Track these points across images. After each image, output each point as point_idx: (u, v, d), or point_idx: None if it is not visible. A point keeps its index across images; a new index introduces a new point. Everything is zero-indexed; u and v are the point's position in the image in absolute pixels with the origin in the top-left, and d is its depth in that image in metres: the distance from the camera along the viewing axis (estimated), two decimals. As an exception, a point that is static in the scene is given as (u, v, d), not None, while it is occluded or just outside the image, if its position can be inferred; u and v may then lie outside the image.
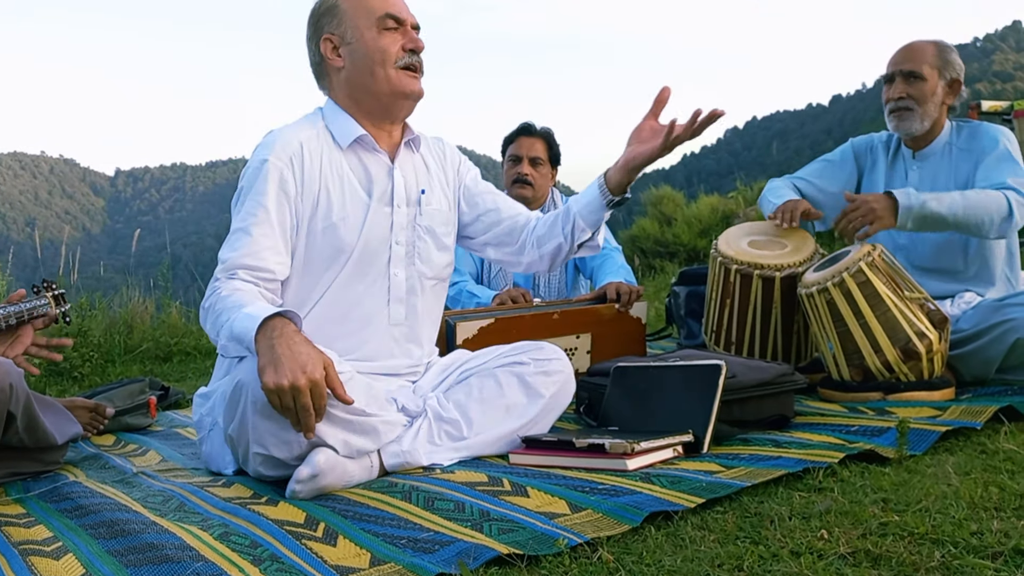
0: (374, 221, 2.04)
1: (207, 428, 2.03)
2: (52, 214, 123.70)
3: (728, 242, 2.80)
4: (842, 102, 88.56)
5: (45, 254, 7.01)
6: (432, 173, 2.20)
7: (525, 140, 3.49)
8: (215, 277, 1.93)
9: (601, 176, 2.12)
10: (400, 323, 2.09)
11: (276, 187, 1.96)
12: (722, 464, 1.78)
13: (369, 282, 2.04)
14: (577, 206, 2.16)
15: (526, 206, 3.48)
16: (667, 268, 8.31)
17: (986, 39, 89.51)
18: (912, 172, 2.84)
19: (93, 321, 4.59)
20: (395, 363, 2.09)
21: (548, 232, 2.21)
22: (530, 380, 2.05)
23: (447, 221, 2.19)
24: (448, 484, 1.73)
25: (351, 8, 2.03)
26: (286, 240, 1.98)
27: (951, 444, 1.86)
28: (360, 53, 2.02)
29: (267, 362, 1.66)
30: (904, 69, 2.76)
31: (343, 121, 2.07)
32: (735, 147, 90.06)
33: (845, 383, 2.43)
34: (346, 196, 2.02)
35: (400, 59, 2.02)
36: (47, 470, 2.16)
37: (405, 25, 2.05)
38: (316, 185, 2.00)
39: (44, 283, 2.22)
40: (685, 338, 3.63)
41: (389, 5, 2.03)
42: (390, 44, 2.02)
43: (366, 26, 2.01)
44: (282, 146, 2.00)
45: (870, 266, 2.40)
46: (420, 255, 2.11)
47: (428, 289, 2.14)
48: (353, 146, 2.06)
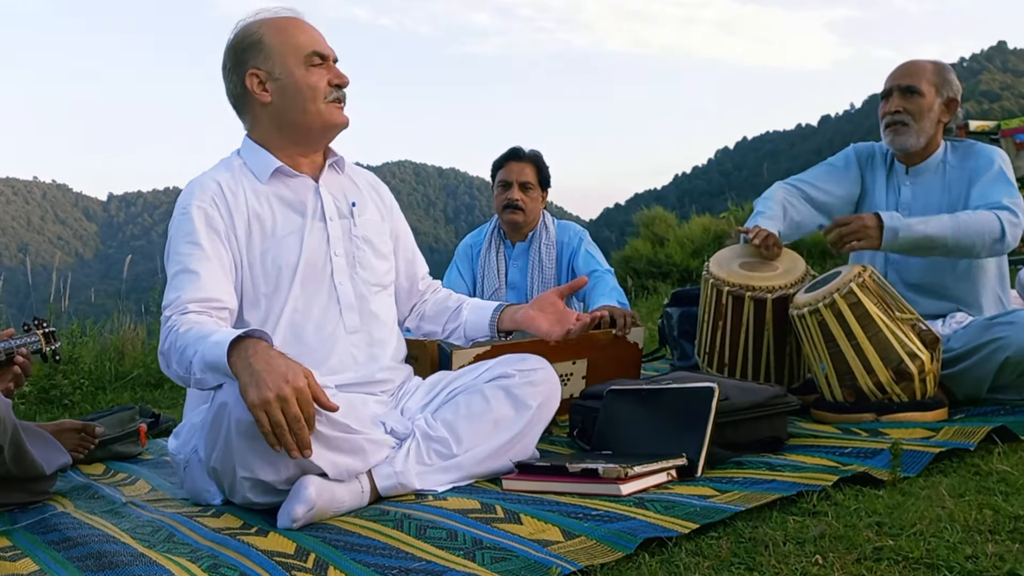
0: (311, 237, 2.08)
1: (182, 465, 2.02)
2: (44, 239, 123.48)
3: (719, 264, 2.80)
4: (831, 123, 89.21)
5: (37, 280, 6.99)
6: (363, 191, 2.26)
7: (514, 165, 3.48)
8: (165, 319, 1.91)
9: (497, 312, 2.31)
10: (357, 329, 2.11)
11: (204, 226, 2.00)
12: (716, 488, 1.77)
13: (319, 297, 2.07)
14: (467, 317, 2.34)
15: (518, 231, 3.50)
16: (660, 288, 8.31)
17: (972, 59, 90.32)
18: (905, 188, 2.85)
19: (84, 348, 4.57)
20: (364, 372, 2.09)
21: (433, 317, 2.40)
22: (516, 392, 2.05)
23: (381, 231, 2.25)
24: (440, 511, 1.72)
25: (278, 45, 2.06)
26: (226, 272, 2.00)
27: (945, 465, 1.86)
28: (290, 90, 2.06)
29: (248, 380, 1.65)
30: (902, 84, 2.77)
31: (259, 156, 2.12)
32: (726, 167, 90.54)
33: (838, 404, 2.43)
34: (277, 219, 2.07)
35: (329, 94, 2.08)
36: (35, 500, 2.14)
37: (329, 60, 2.11)
38: (244, 216, 2.04)
39: (35, 320, 2.21)
40: (678, 359, 3.62)
41: (315, 43, 2.09)
42: (318, 80, 2.07)
43: (295, 63, 2.06)
44: (200, 190, 2.05)
45: (861, 287, 2.40)
46: (361, 263, 2.15)
47: (375, 295, 2.17)
48: (274, 177, 2.11)
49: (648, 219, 10.69)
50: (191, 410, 2.07)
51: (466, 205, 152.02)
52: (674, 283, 8.62)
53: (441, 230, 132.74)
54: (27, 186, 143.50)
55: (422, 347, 2.59)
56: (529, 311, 2.26)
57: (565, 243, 3.50)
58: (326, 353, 2.05)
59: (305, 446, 1.66)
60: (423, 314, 2.40)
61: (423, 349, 2.59)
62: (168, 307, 1.93)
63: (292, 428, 1.64)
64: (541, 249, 3.47)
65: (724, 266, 2.78)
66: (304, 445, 1.66)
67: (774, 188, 2.96)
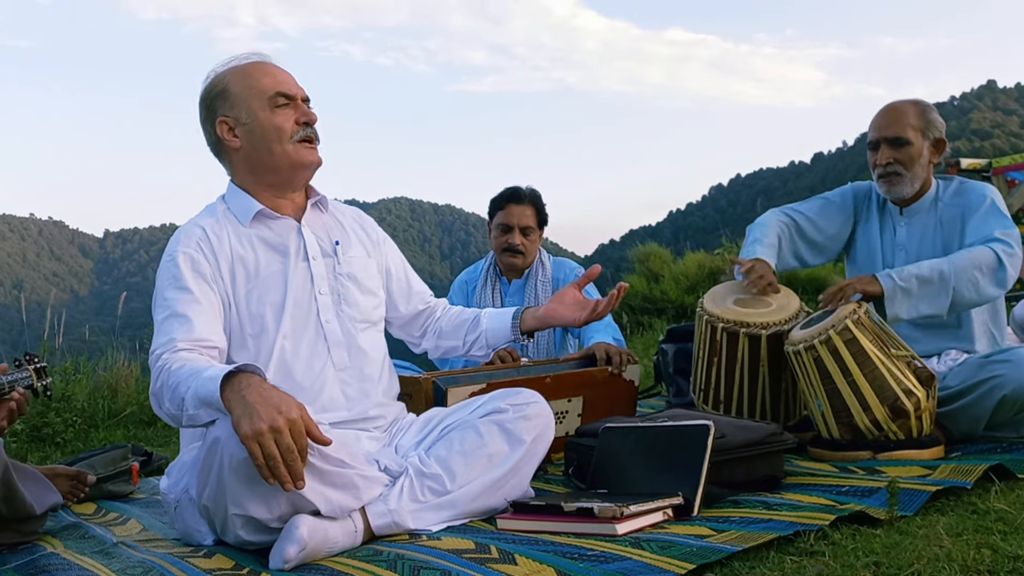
0: (294, 277, 2.10)
1: (172, 505, 2.00)
2: (40, 276, 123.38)
3: (714, 300, 2.80)
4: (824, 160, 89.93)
5: (31, 316, 6.97)
6: (348, 229, 2.27)
7: (515, 208, 3.48)
8: (156, 358, 1.91)
9: (518, 315, 2.35)
10: (346, 366, 2.11)
11: (190, 270, 2.02)
12: (713, 527, 1.76)
13: (306, 335, 2.08)
14: (487, 325, 2.36)
15: (516, 272, 3.50)
16: (655, 324, 8.31)
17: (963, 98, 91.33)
18: (900, 228, 2.86)
19: (77, 385, 4.54)
20: (356, 408, 2.10)
21: (451, 332, 2.42)
22: (510, 427, 2.04)
23: (367, 267, 2.25)
24: (434, 552, 1.70)
25: (242, 90, 2.09)
26: (215, 314, 2.01)
27: (942, 504, 1.85)
28: (256, 133, 2.09)
29: (241, 412, 1.64)
30: (888, 135, 2.77)
31: (241, 200, 2.14)
32: (720, 204, 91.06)
33: (835, 442, 2.42)
34: (260, 261, 2.09)
35: (295, 133, 2.09)
36: (25, 541, 2.11)
37: (296, 99, 2.11)
38: (228, 260, 2.07)
39: (26, 356, 2.20)
40: (674, 396, 3.61)
41: (279, 83, 2.10)
42: (284, 121, 2.08)
43: (259, 106, 2.08)
44: (186, 236, 2.08)
45: (856, 324, 2.40)
46: (346, 301, 2.16)
47: (362, 332, 2.17)
48: (257, 219, 2.13)
49: (643, 255, 10.70)
50: (184, 449, 2.06)
51: (461, 241, 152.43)
52: (669, 319, 8.61)
53: (436, 266, 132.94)
54: (23, 223, 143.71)
55: (416, 384, 2.58)
56: (550, 306, 2.33)
57: (561, 280, 3.50)
58: (317, 391, 2.06)
59: (298, 477, 1.65)
60: (440, 331, 2.40)
61: (417, 387, 2.58)
62: (158, 348, 1.93)
63: (285, 460, 1.63)
64: (537, 286, 3.47)
65: (719, 302, 2.78)
66: (297, 476, 1.65)
67: (768, 216, 2.97)
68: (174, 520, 2.03)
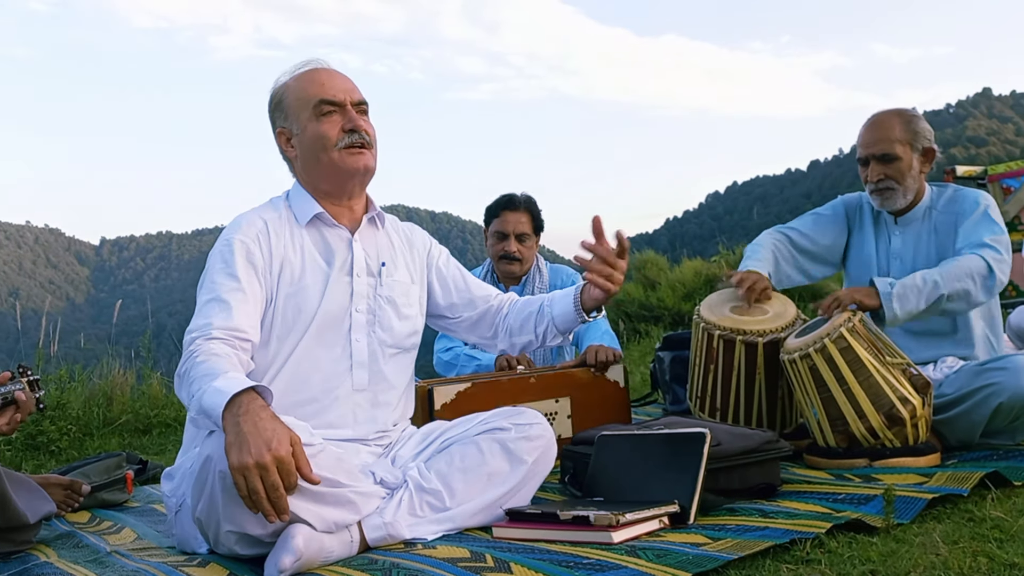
0: (334, 289, 2.09)
1: (174, 509, 1.99)
2: (36, 284, 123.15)
3: (711, 308, 2.80)
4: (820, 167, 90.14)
5: (27, 324, 6.96)
6: (396, 249, 2.26)
7: (510, 216, 3.48)
8: (190, 341, 1.90)
9: (577, 294, 2.23)
10: (364, 388, 2.09)
11: (244, 260, 2.02)
12: (709, 535, 1.76)
13: (332, 350, 2.07)
14: (553, 312, 2.27)
15: (513, 279, 3.50)
16: (652, 332, 8.31)
17: (958, 105, 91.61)
18: (895, 237, 2.86)
19: (72, 393, 4.52)
20: (362, 430, 2.08)
21: (521, 327, 2.33)
22: (512, 446, 2.03)
23: (408, 293, 2.23)
24: (429, 560, 1.69)
25: (293, 100, 2.11)
26: (257, 307, 2.00)
27: (938, 512, 1.84)
28: (306, 143, 2.11)
29: (232, 441, 1.63)
30: (876, 152, 2.76)
31: (303, 201, 2.15)
32: (717, 211, 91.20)
33: (830, 449, 2.42)
34: (306, 266, 2.09)
35: (340, 140, 2.08)
36: (18, 550, 2.10)
37: (344, 106, 2.10)
38: (280, 259, 2.06)
39: (19, 368, 2.20)
40: (671, 403, 3.61)
41: (324, 90, 2.09)
42: (329, 129, 2.08)
43: (306, 117, 2.09)
44: (248, 225, 2.08)
45: (851, 332, 2.40)
46: (381, 323, 2.14)
47: (390, 357, 2.15)
48: (313, 223, 2.14)
49: (640, 263, 10.71)
50: (186, 451, 2.04)
51: (458, 249, 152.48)
52: (666, 327, 8.62)
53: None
54: (19, 230, 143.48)
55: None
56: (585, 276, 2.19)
57: (559, 286, 3.50)
58: (327, 405, 2.04)
59: (283, 511, 1.63)
60: (510, 329, 2.34)
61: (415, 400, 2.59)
62: (194, 331, 1.91)
63: (269, 496, 1.61)
64: (534, 294, 3.47)
65: (715, 310, 2.78)
66: (281, 511, 1.63)
67: (763, 236, 2.99)
68: (173, 524, 2.01)
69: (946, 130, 79.14)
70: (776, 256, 2.91)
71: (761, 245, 2.94)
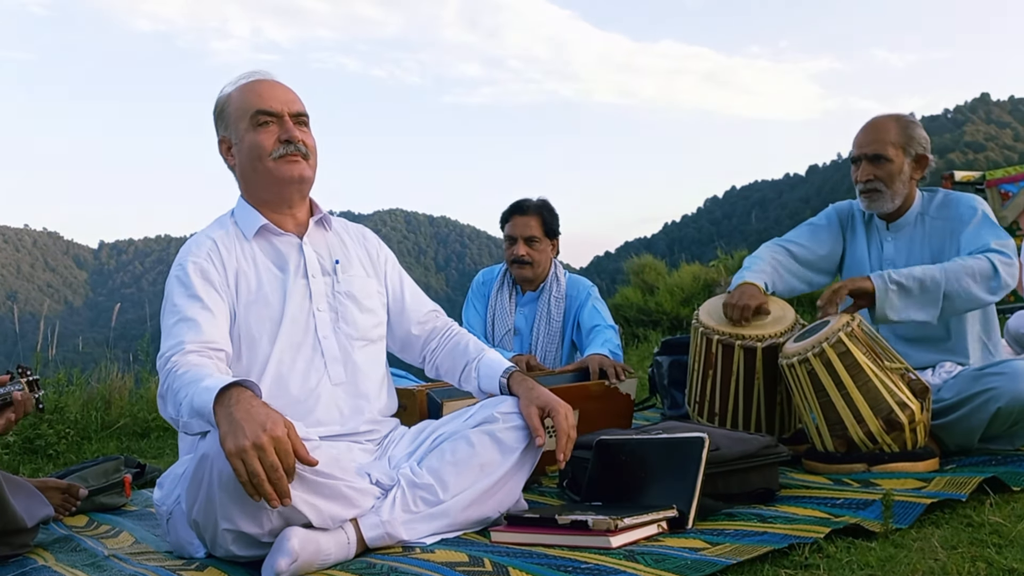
0: (293, 292, 2.13)
1: (165, 517, 2.00)
2: (34, 287, 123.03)
3: (709, 313, 2.80)
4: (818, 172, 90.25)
5: (25, 327, 6.94)
6: (349, 248, 2.29)
7: (519, 220, 3.49)
8: (164, 360, 1.92)
9: (505, 380, 2.19)
10: (342, 382, 2.13)
11: (200, 279, 2.05)
12: (707, 540, 1.76)
13: (303, 350, 2.10)
14: (480, 384, 2.27)
15: (528, 285, 3.51)
16: (650, 336, 8.31)
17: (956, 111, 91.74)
18: (887, 243, 2.87)
19: (70, 397, 4.52)
20: (350, 424, 2.11)
21: (446, 371, 2.36)
22: (501, 436, 2.04)
23: (366, 287, 2.26)
24: (427, 564, 1.69)
25: (233, 110, 2.14)
26: (224, 320, 2.04)
27: (937, 517, 1.84)
28: (243, 152, 2.14)
29: (227, 430, 1.64)
30: (868, 152, 2.77)
31: (247, 214, 2.18)
32: (715, 216, 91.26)
33: (829, 454, 2.42)
34: (262, 276, 2.13)
35: (275, 150, 2.11)
36: (16, 554, 2.10)
37: (281, 117, 2.12)
38: (234, 272, 2.10)
39: (19, 369, 2.20)
40: (669, 408, 3.61)
41: (262, 101, 2.12)
42: (264, 139, 2.11)
43: (244, 127, 2.12)
44: (196, 247, 2.12)
45: (850, 336, 2.40)
46: (344, 319, 2.18)
47: (359, 349, 2.18)
48: (260, 234, 2.17)
49: (638, 267, 10.71)
50: (180, 459, 2.05)
51: (456, 253, 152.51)
52: (664, 331, 8.62)
53: (432, 278, 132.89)
54: (17, 234, 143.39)
55: (411, 397, 2.58)
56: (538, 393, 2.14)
57: (574, 297, 3.52)
58: (311, 405, 2.06)
59: (284, 495, 1.64)
60: (436, 365, 2.38)
61: (412, 399, 2.58)
62: (167, 351, 1.93)
63: (270, 477, 1.61)
64: (550, 302, 3.48)
65: (714, 315, 2.78)
66: (283, 494, 1.63)
67: (762, 249, 3.01)
68: (167, 532, 2.02)
69: (944, 135, 79.26)
70: (776, 267, 2.92)
71: (760, 258, 2.94)
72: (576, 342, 3.50)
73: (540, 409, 2.07)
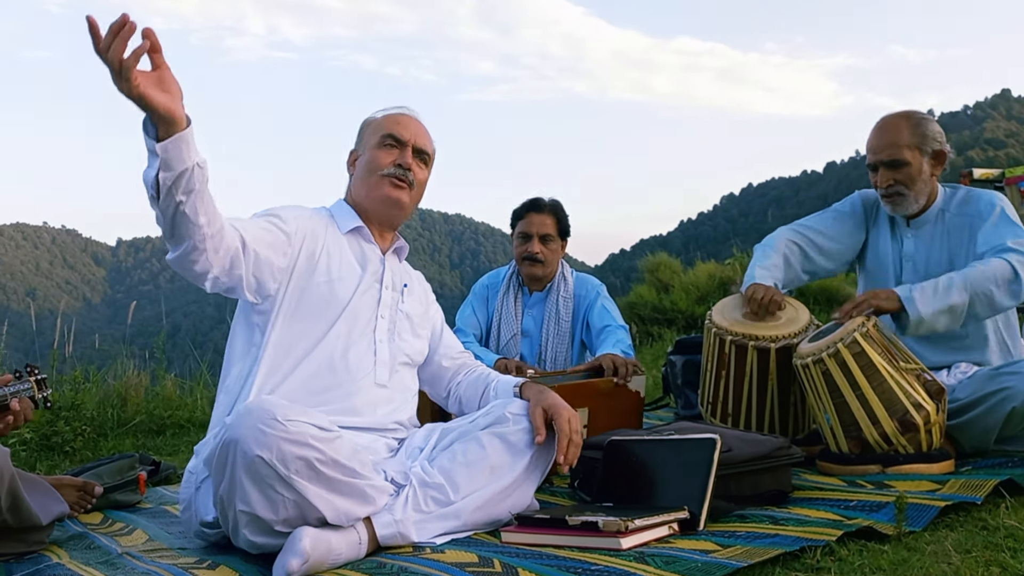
0: (364, 291, 2.22)
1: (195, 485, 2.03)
2: (53, 284, 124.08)
3: (722, 313, 2.79)
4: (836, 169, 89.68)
5: (44, 324, 7.00)
6: (413, 279, 2.44)
7: (535, 217, 3.49)
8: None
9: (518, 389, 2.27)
10: (384, 385, 2.19)
11: (276, 218, 2.12)
12: (718, 542, 1.75)
13: (358, 341, 2.17)
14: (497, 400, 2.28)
15: (537, 283, 3.51)
16: (665, 335, 8.29)
17: (976, 107, 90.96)
18: (908, 240, 2.84)
19: (87, 394, 4.55)
20: (381, 418, 2.16)
21: (468, 401, 2.42)
22: (512, 439, 2.06)
23: (422, 316, 2.40)
24: (437, 565, 1.69)
25: (371, 130, 2.33)
26: (270, 237, 2.07)
27: (951, 519, 1.83)
28: (362, 163, 2.32)
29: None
30: (885, 159, 2.74)
31: (346, 214, 2.32)
32: (731, 214, 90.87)
33: (843, 456, 2.40)
34: (343, 263, 2.22)
35: (387, 169, 2.26)
36: (31, 551, 2.12)
37: (405, 146, 2.29)
38: (318, 248, 2.19)
39: (27, 367, 2.21)
40: (683, 408, 3.60)
41: (395, 126, 2.30)
42: (383, 158, 2.27)
43: (372, 143, 2.30)
44: (295, 208, 2.24)
45: (865, 337, 2.39)
46: (399, 334, 2.28)
47: (402, 365, 2.27)
48: (352, 233, 2.29)
49: (653, 265, 10.68)
50: (213, 427, 2.11)
51: (471, 251, 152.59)
52: (679, 330, 8.59)
53: (447, 276, 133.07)
54: (36, 231, 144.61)
55: (421, 396, 2.58)
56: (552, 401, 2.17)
57: (582, 296, 3.51)
58: (353, 392, 2.12)
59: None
60: (460, 397, 2.45)
61: (422, 398, 2.58)
62: None
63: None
64: (559, 302, 3.47)
65: (727, 315, 2.77)
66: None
67: (777, 235, 2.96)
68: (193, 499, 2.04)
69: (963, 132, 78.59)
70: (787, 259, 2.89)
71: (772, 248, 2.91)
72: (586, 342, 3.49)
73: (545, 411, 2.10)
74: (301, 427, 1.73)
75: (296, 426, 1.72)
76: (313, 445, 1.73)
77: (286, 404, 1.78)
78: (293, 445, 1.71)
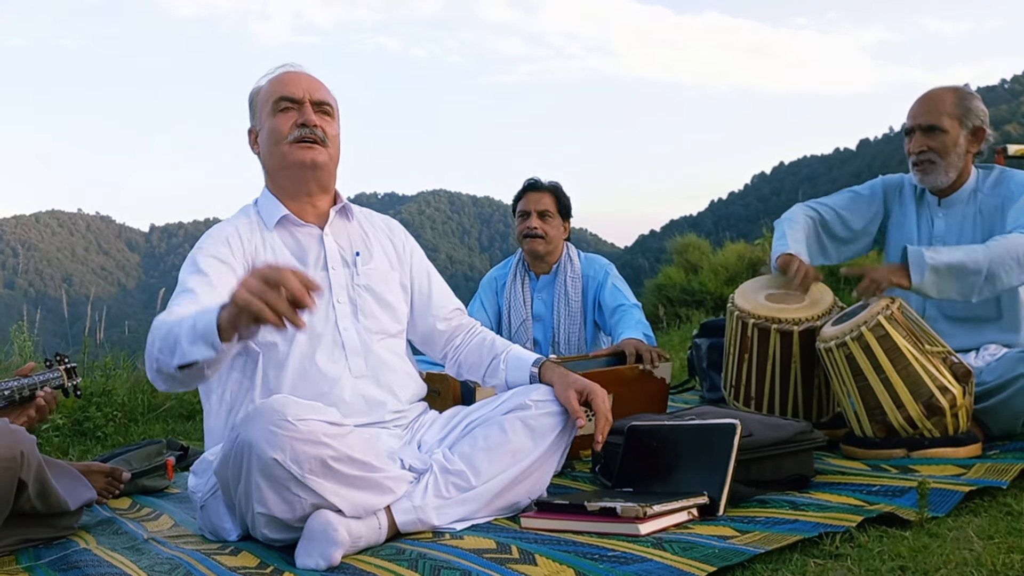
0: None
1: (199, 504, 2.03)
2: (88, 270, 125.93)
3: (745, 296, 2.76)
4: (870, 146, 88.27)
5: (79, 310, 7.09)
6: (371, 237, 2.28)
7: (532, 195, 3.51)
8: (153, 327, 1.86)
9: (536, 369, 2.17)
10: (363, 374, 2.12)
11: (211, 258, 2.04)
12: (737, 528, 1.74)
13: (324, 342, 2.09)
14: (507, 376, 2.23)
15: (540, 260, 3.50)
16: (693, 317, 8.23)
17: (1014, 80, 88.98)
18: (938, 220, 2.80)
19: (117, 380, 4.62)
20: (375, 413, 2.11)
21: (470, 368, 2.32)
22: (533, 423, 2.04)
23: (387, 279, 2.25)
24: (456, 551, 1.70)
25: (260, 99, 2.19)
26: (224, 293, 1.93)
27: (975, 505, 1.80)
28: (264, 137, 2.17)
29: (234, 310, 1.59)
30: (923, 123, 2.70)
31: (270, 204, 2.19)
32: (763, 192, 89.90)
33: (868, 439, 2.37)
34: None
35: (291, 134, 2.12)
36: (59, 536, 2.15)
37: (302, 103, 2.13)
38: (251, 258, 2.10)
39: (57, 356, 2.25)
40: (708, 391, 3.58)
41: (283, 87, 2.15)
42: (283, 123, 2.12)
43: (267, 113, 2.15)
44: (218, 231, 2.13)
45: (889, 319, 2.35)
46: (363, 312, 2.17)
47: (379, 342, 2.17)
48: (281, 224, 2.17)
49: (681, 246, 10.61)
50: (209, 447, 2.09)
51: (500, 233, 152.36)
52: (707, 311, 8.53)
53: (476, 258, 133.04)
54: (71, 218, 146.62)
55: (444, 381, 2.59)
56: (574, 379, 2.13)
57: (591, 276, 3.49)
58: (335, 396, 2.06)
59: (304, 302, 1.57)
60: (460, 361, 2.35)
61: (445, 384, 2.58)
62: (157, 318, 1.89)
63: (290, 288, 1.54)
64: (567, 282, 3.46)
65: (749, 298, 2.74)
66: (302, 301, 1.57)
67: (795, 211, 2.93)
68: (200, 519, 2.06)
69: (1000, 106, 76.95)
70: (809, 234, 2.86)
71: (795, 221, 2.87)
72: (600, 323, 3.47)
73: (578, 393, 2.06)
74: (313, 425, 1.72)
75: (307, 424, 1.71)
76: (326, 443, 1.72)
77: (295, 401, 1.76)
78: (306, 444, 1.70)
